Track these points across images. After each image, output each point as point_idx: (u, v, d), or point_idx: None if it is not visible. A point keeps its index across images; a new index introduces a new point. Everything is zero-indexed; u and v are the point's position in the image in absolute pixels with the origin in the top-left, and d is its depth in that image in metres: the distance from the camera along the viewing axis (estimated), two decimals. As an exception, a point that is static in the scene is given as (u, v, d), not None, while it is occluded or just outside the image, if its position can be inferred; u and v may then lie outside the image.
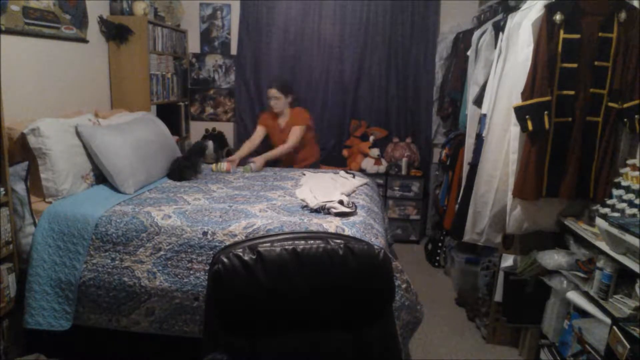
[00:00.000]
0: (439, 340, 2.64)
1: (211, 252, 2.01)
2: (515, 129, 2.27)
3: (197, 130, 4.46)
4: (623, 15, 2.10)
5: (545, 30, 2.12)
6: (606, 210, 1.98)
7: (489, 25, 2.84)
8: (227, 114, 4.52)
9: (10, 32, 2.43)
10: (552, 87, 2.16)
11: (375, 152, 4.18)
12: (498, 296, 2.53)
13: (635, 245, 1.69)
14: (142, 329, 2.09)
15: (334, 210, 2.29)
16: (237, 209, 2.31)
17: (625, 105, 2.09)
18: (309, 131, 3.59)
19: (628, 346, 1.58)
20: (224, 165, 3.28)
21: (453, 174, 3.32)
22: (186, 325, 2.06)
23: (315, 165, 3.70)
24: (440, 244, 3.70)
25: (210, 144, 4.15)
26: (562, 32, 2.13)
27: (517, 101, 2.19)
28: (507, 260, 2.46)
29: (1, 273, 1.97)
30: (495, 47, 2.62)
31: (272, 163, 3.54)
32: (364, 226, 2.17)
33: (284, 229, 2.07)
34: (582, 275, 2.07)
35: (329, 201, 2.36)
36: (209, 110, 4.52)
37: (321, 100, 4.34)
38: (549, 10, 2.13)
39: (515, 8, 2.50)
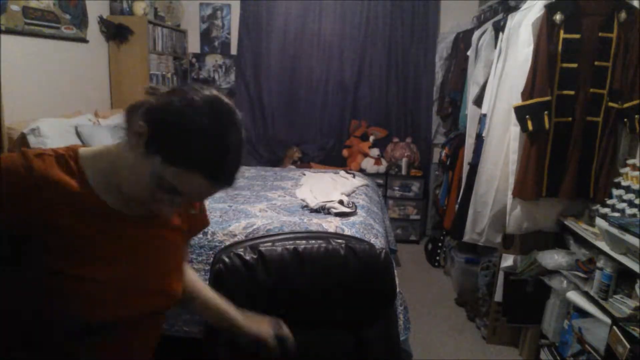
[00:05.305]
0: (439, 340, 2.64)
1: (211, 252, 2.01)
2: (515, 129, 2.27)
3: (197, 130, 4.45)
4: (623, 15, 2.09)
5: (545, 30, 2.12)
6: (606, 210, 1.98)
7: (489, 25, 2.84)
8: (227, 114, 4.51)
9: (10, 32, 2.43)
10: (552, 87, 2.16)
11: (375, 152, 4.18)
12: (498, 296, 2.53)
13: (635, 245, 1.69)
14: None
15: (334, 210, 2.29)
16: (237, 209, 2.31)
17: (625, 105, 2.09)
18: None
19: (628, 346, 1.58)
20: None
21: (453, 174, 3.32)
22: (186, 325, 2.06)
23: None
24: (440, 244, 3.69)
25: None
26: (562, 32, 2.13)
27: (517, 101, 2.19)
28: (507, 260, 2.46)
29: (1, 273, 1.97)
30: (495, 47, 2.61)
31: (274, 163, 3.44)
32: (364, 226, 2.17)
33: (284, 229, 2.07)
34: (582, 275, 2.07)
35: (329, 201, 2.36)
36: (209, 110, 4.51)
37: (321, 101, 4.34)
38: (549, 10, 2.13)
39: (515, 8, 2.50)
